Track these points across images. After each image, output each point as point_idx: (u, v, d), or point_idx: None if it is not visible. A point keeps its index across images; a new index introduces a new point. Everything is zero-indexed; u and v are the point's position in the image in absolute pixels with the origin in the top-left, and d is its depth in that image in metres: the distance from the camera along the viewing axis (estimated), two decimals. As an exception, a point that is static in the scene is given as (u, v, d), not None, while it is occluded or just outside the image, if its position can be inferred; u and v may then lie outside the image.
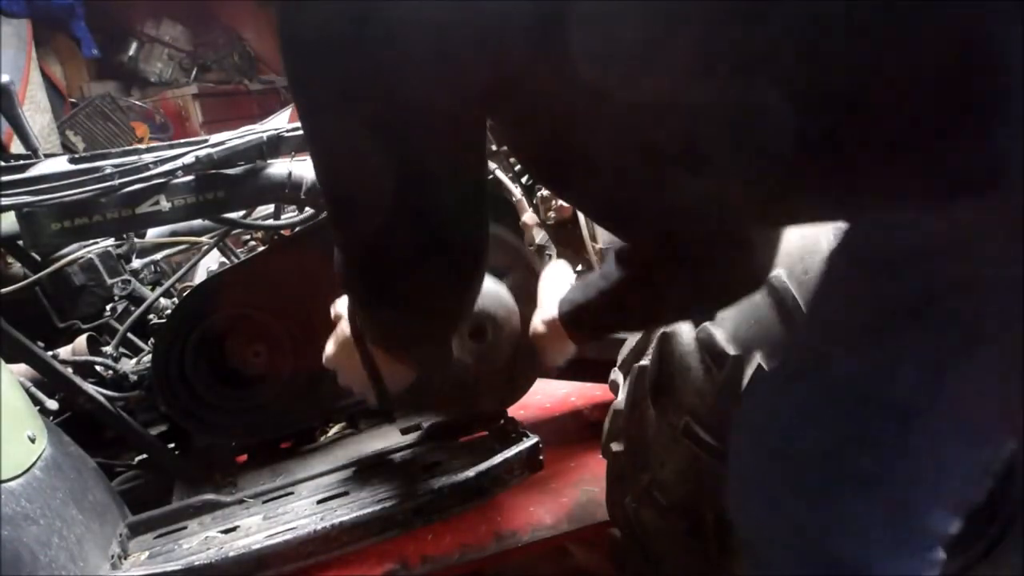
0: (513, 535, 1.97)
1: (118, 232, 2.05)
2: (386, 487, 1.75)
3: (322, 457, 1.99)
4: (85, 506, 1.57)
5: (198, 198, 1.82)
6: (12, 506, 1.34)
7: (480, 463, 1.73)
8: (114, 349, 2.03)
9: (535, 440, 1.80)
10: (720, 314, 1.48)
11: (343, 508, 1.69)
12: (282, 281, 1.99)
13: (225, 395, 2.00)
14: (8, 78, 1.94)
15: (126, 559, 1.62)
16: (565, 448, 2.29)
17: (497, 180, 2.05)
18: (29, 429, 1.52)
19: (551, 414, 2.64)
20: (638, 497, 1.59)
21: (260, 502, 1.81)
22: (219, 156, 1.79)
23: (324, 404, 2.08)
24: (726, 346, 1.45)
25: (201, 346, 1.96)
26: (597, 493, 2.05)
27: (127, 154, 1.91)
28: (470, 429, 1.97)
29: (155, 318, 2.14)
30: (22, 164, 1.85)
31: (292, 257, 2.01)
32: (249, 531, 1.67)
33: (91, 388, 1.88)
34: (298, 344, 1.99)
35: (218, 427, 2.02)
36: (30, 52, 5.38)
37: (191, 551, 1.62)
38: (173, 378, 1.94)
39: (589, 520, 2.00)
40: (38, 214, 1.68)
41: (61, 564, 1.38)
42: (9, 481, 1.38)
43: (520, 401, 2.18)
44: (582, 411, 2.62)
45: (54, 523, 1.41)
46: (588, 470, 2.19)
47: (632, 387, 1.59)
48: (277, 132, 1.89)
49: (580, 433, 2.43)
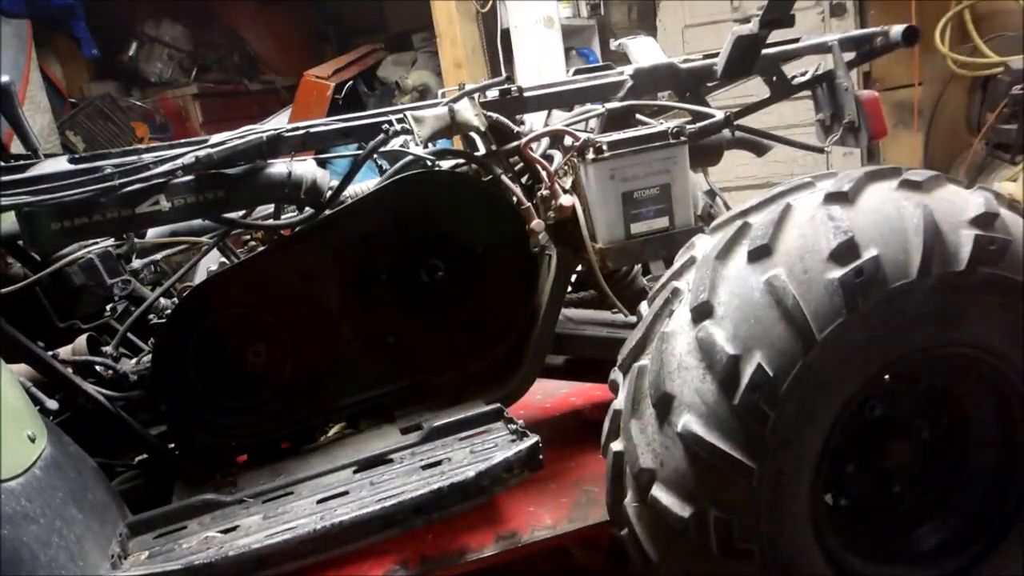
0: (513, 535, 1.97)
1: (118, 232, 2.06)
2: (386, 487, 1.75)
3: (322, 457, 1.99)
4: (85, 506, 1.57)
5: (198, 198, 1.82)
6: (12, 505, 1.34)
7: (480, 463, 1.73)
8: (114, 349, 2.03)
9: (535, 440, 1.80)
10: (720, 313, 1.49)
11: (343, 508, 1.69)
12: (282, 281, 2.00)
13: (225, 395, 2.00)
14: (8, 78, 1.94)
15: (126, 558, 1.62)
16: (565, 448, 2.29)
17: (498, 180, 2.05)
18: (29, 429, 1.52)
19: (551, 414, 2.64)
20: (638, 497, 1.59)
21: (260, 502, 1.81)
22: (219, 156, 1.79)
23: (324, 404, 2.09)
24: (726, 346, 1.45)
25: (201, 346, 1.96)
26: (597, 493, 2.05)
27: (127, 154, 1.91)
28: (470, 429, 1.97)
29: (155, 318, 2.14)
30: (22, 164, 1.85)
31: (292, 257, 2.02)
32: (249, 531, 1.67)
33: (91, 388, 1.88)
34: (298, 344, 2.00)
35: (218, 427, 2.03)
36: (30, 52, 5.38)
37: (191, 551, 1.62)
38: (173, 378, 1.95)
39: (589, 520, 2.00)
40: (38, 214, 1.68)
41: (61, 563, 1.38)
42: (9, 480, 1.38)
43: (520, 401, 2.19)
44: (582, 411, 2.62)
45: (54, 522, 1.41)
46: (588, 470, 2.19)
47: (632, 387, 1.59)
48: (277, 132, 1.89)
49: (580, 433, 2.43)
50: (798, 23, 2.22)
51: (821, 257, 1.47)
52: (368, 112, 2.09)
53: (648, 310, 1.65)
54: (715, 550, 1.50)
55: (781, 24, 2.17)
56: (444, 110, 1.97)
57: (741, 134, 2.46)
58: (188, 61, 7.29)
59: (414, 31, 6.92)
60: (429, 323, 2.11)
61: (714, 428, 1.45)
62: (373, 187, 2.08)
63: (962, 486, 1.76)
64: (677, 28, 5.59)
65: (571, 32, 5.90)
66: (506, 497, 2.06)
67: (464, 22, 5.50)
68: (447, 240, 2.08)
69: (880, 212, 1.52)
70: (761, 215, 1.59)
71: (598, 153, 1.92)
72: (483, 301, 2.13)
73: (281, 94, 7.59)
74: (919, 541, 1.76)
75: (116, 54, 6.93)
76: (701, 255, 1.61)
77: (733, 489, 1.47)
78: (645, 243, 1.98)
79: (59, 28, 5.95)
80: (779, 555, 1.53)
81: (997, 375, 1.64)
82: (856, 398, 1.56)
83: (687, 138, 1.96)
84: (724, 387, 1.45)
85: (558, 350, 2.29)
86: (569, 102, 2.26)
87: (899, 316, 1.49)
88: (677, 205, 1.98)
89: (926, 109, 5.01)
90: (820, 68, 2.43)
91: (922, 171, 1.63)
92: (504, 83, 2.14)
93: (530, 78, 4.65)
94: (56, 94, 5.97)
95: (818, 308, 1.44)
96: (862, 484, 1.74)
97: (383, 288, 2.06)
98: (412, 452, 1.91)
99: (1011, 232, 1.55)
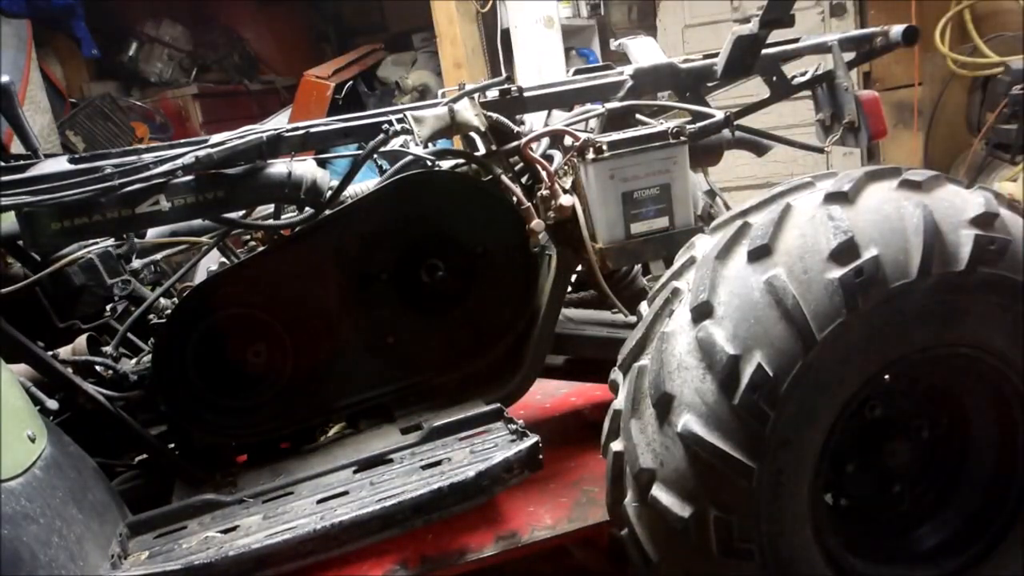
0: (513, 535, 1.97)
1: (118, 232, 2.06)
2: (386, 487, 1.75)
3: (322, 457, 1.99)
4: (85, 505, 1.57)
5: (198, 198, 1.82)
6: (12, 505, 1.34)
7: (480, 463, 1.73)
8: (114, 349, 2.03)
9: (535, 440, 1.80)
10: (720, 313, 1.49)
11: (343, 508, 1.69)
12: (282, 281, 1.99)
13: (225, 395, 2.00)
14: (8, 78, 1.94)
15: (126, 558, 1.61)
16: (565, 448, 2.29)
17: (498, 180, 2.05)
18: (29, 429, 1.52)
19: (551, 414, 2.64)
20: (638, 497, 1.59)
21: (260, 502, 1.81)
22: (219, 156, 1.79)
23: (324, 404, 2.08)
24: (726, 346, 1.45)
25: (201, 346, 1.96)
26: (597, 493, 2.05)
27: (127, 154, 1.91)
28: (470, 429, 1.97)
29: (155, 318, 2.14)
30: (22, 164, 1.85)
31: (292, 257, 2.01)
32: (249, 531, 1.67)
33: (91, 388, 1.88)
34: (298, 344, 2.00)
35: (218, 427, 2.03)
36: (30, 52, 5.38)
37: (191, 551, 1.62)
38: (173, 378, 1.95)
39: (589, 520, 2.00)
40: (38, 214, 1.68)
41: (61, 563, 1.38)
42: (9, 480, 1.38)
43: (520, 401, 2.19)
44: (582, 411, 2.62)
45: (54, 522, 1.41)
46: (588, 470, 2.19)
47: (632, 387, 1.59)
48: (277, 132, 1.89)
49: (580, 433, 2.43)
50: (798, 23, 2.22)
51: (821, 257, 1.47)
52: (368, 112, 2.09)
53: (648, 310, 1.65)
54: (715, 550, 1.50)
55: (781, 24, 2.17)
56: (444, 110, 1.97)
57: (741, 134, 2.46)
58: (188, 61, 7.29)
59: (414, 31, 6.92)
60: (429, 323, 2.11)
61: (714, 428, 1.45)
62: (373, 187, 2.08)
63: (962, 486, 1.76)
64: (677, 28, 5.59)
65: (571, 32, 5.90)
66: (506, 497, 2.06)
67: (464, 22, 5.50)
68: (447, 240, 2.09)
69: (880, 212, 1.52)
70: (761, 215, 1.59)
71: (598, 153, 1.92)
72: (483, 301, 2.13)
73: (281, 94, 7.60)
74: (919, 541, 1.76)
75: (116, 54, 6.93)
76: (701, 255, 1.61)
77: (733, 489, 1.47)
78: (645, 243, 1.98)
79: (59, 28, 5.94)
80: (779, 555, 1.53)
81: (997, 375, 1.64)
82: (856, 398, 1.56)
83: (687, 138, 1.96)
84: (724, 387, 1.45)
85: (558, 350, 2.29)
86: (569, 102, 2.26)
87: (899, 316, 1.49)
88: (677, 205, 1.98)
89: (926, 109, 5.02)
90: (820, 68, 2.43)
91: (922, 171, 1.63)
92: (504, 83, 2.14)
93: (530, 78, 4.65)
94: (56, 94, 5.97)
95: (818, 308, 1.44)
96: (862, 484, 1.74)
97: (383, 288, 2.06)
98: (412, 452, 1.91)
99: (1011, 232, 1.55)
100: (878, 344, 1.50)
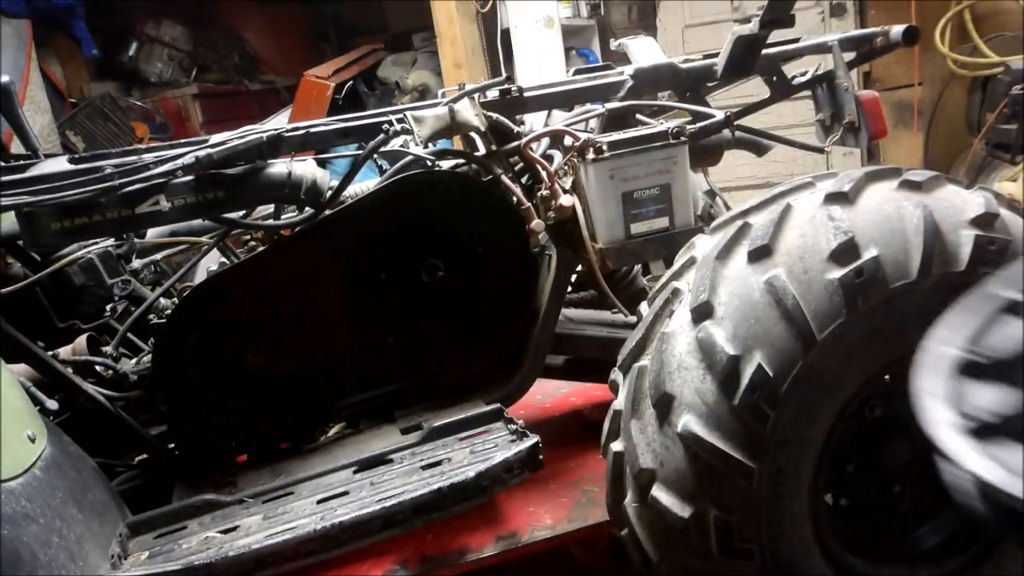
0: (513, 535, 1.97)
1: (118, 232, 2.05)
2: (386, 487, 1.75)
3: (322, 457, 1.99)
4: (85, 506, 1.57)
5: (198, 198, 1.82)
6: (12, 505, 1.34)
7: (480, 463, 1.73)
8: (114, 349, 2.03)
9: (535, 440, 1.80)
10: (720, 314, 1.49)
11: (343, 508, 1.69)
12: (282, 281, 1.99)
13: (225, 395, 2.00)
14: (8, 78, 1.94)
15: (126, 558, 1.61)
16: (565, 448, 2.29)
17: (498, 180, 2.05)
18: (29, 429, 1.52)
19: (551, 414, 2.65)
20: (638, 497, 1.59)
21: (260, 502, 1.81)
22: (219, 156, 1.79)
23: (324, 404, 2.08)
24: (726, 346, 1.45)
25: (201, 346, 1.96)
26: (597, 493, 2.05)
27: (127, 154, 1.91)
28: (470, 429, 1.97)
29: (155, 318, 2.14)
30: (22, 164, 1.85)
31: (292, 257, 2.01)
32: (249, 531, 1.67)
33: (91, 388, 1.88)
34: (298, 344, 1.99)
35: (218, 427, 2.02)
36: (30, 52, 5.38)
37: (191, 551, 1.62)
38: (173, 378, 1.94)
39: (589, 520, 2.00)
40: (38, 214, 1.68)
41: (61, 563, 1.38)
42: (9, 480, 1.38)
43: (520, 401, 2.19)
44: (582, 411, 2.62)
45: (54, 522, 1.41)
46: (588, 470, 2.19)
47: (632, 387, 1.59)
48: (277, 132, 1.89)
49: (580, 433, 2.43)
50: (798, 23, 2.22)
51: (821, 257, 1.47)
52: (368, 112, 2.09)
53: (648, 310, 1.65)
54: (715, 550, 1.50)
55: (781, 24, 2.17)
56: (444, 110, 1.97)
57: (741, 134, 2.46)
58: (188, 61, 7.29)
59: (414, 31, 6.92)
60: (429, 323, 2.11)
61: (714, 428, 1.45)
62: (373, 187, 2.08)
63: (962, 486, 1.76)
64: (677, 28, 5.59)
65: (571, 32, 5.90)
66: (506, 497, 2.06)
67: (464, 22, 5.50)
68: (447, 240, 2.08)
69: (880, 212, 1.52)
70: (761, 215, 1.59)
71: (598, 153, 1.92)
72: (483, 301, 2.13)
73: (281, 94, 7.60)
74: (919, 541, 1.76)
75: (116, 54, 6.93)
76: (701, 255, 1.61)
77: (733, 489, 1.47)
78: (645, 243, 1.98)
79: (59, 28, 5.94)
80: (779, 555, 1.53)
81: (997, 375, 1.64)
82: (856, 398, 1.56)
83: (687, 138, 1.96)
84: (724, 387, 1.45)
85: (558, 350, 2.29)
86: (569, 102, 2.26)
87: (899, 316, 1.49)
88: (677, 205, 1.98)
89: (926, 109, 5.02)
90: (820, 68, 2.43)
91: (922, 171, 1.63)
92: (504, 83, 2.14)
93: (530, 78, 4.65)
94: (56, 94, 5.97)
95: (818, 308, 1.44)
96: (862, 484, 1.74)
97: (383, 288, 2.06)
98: (412, 452, 1.91)
99: (1011, 232, 1.55)
100: (878, 344, 1.50)
